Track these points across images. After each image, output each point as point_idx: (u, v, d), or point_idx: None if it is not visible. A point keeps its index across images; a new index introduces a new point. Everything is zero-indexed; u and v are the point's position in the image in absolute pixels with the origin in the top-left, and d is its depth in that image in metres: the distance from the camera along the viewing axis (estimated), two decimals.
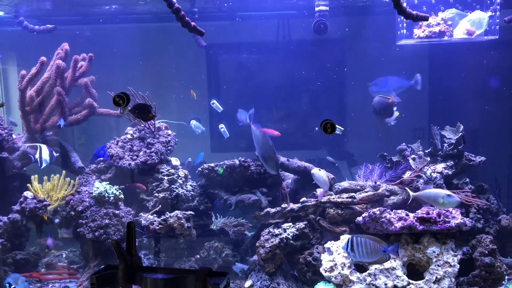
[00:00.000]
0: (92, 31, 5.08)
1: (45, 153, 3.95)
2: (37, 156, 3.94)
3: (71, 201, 3.81)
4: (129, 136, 4.26)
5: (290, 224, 3.68)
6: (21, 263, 3.97)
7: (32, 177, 3.86)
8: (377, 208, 3.53)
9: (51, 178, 3.92)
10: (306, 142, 5.04)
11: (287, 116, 5.28)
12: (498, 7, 4.15)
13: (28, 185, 3.82)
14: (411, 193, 3.68)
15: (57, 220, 3.86)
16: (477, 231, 3.65)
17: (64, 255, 4.37)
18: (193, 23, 3.04)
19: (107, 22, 5.02)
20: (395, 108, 4.21)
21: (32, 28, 4.61)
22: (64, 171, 4.01)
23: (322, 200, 3.80)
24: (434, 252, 3.38)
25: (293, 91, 5.20)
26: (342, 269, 3.45)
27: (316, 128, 4.44)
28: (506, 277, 3.56)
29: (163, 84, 5.08)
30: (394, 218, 3.42)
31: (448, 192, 3.48)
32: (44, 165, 3.95)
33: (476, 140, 4.72)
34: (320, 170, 3.90)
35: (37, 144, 4.01)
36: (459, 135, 3.91)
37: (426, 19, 3.05)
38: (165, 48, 5.06)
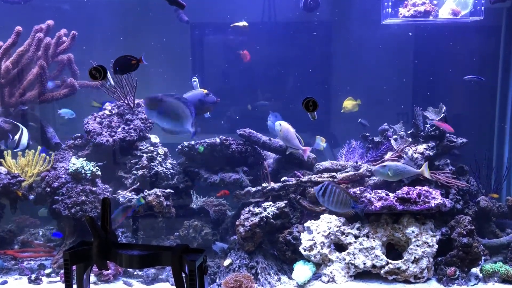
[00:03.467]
0: (71, 3, 4.91)
1: (25, 137, 3.82)
2: (16, 137, 3.81)
3: (47, 177, 3.72)
4: (107, 112, 4.16)
5: (271, 203, 3.67)
6: None
7: (5, 152, 3.74)
8: (358, 188, 3.53)
9: (26, 154, 3.81)
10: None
11: (271, 98, 5.22)
12: None
13: (1, 160, 3.71)
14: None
15: (32, 197, 3.76)
16: (456, 212, 3.68)
17: (40, 233, 4.30)
18: None
19: None
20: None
21: None
22: (39, 147, 3.90)
23: (303, 180, 3.79)
24: (413, 232, 3.40)
25: (277, 72, 5.14)
26: (322, 248, 3.46)
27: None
28: (483, 258, 3.62)
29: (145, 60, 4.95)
30: (374, 197, 3.42)
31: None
32: (19, 149, 3.82)
33: (459, 122, 4.74)
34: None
35: (20, 125, 3.87)
36: (441, 116, 3.91)
37: None
38: (148, 23, 4.93)
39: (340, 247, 3.53)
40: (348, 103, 4.42)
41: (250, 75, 5.02)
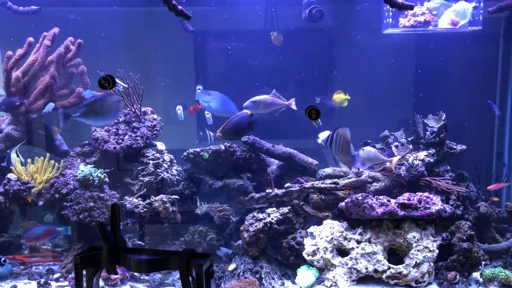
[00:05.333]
0: (78, 14, 5.00)
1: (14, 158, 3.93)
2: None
3: (56, 183, 3.80)
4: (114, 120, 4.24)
5: (274, 209, 3.73)
6: (5, 245, 3.97)
7: (15, 159, 3.84)
8: (360, 194, 3.59)
9: (35, 161, 3.90)
10: (293, 131, 5.07)
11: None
12: None
13: (11, 167, 3.80)
14: None
15: (41, 203, 3.84)
16: (456, 217, 3.74)
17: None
18: (179, 7, 3.02)
19: (93, 5, 4.96)
20: None
21: (16, 9, 4.53)
22: (48, 154, 3.99)
23: (306, 186, 3.86)
24: (414, 237, 3.46)
25: (280, 81, 5.21)
26: (324, 253, 3.52)
27: None
28: (483, 262, 3.67)
29: (149, 69, 5.04)
30: (375, 203, 3.48)
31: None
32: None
33: (459, 129, 4.80)
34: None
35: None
36: (441, 123, 3.97)
37: (411, 8, 3.08)
38: (152, 32, 5.02)
39: (343, 252, 3.58)
40: (338, 97, 4.49)
41: (252, 82, 5.10)
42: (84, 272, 1.63)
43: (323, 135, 3.75)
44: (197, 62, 5.20)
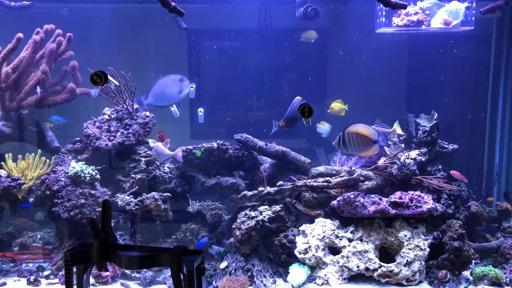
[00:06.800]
0: (70, 10, 4.97)
1: None
2: None
3: (47, 180, 3.78)
4: (106, 117, 4.22)
5: (267, 207, 3.73)
6: None
7: (6, 155, 3.80)
8: (352, 192, 3.60)
9: (26, 157, 3.87)
10: (286, 131, 5.08)
11: (267, 105, 5.29)
12: None
13: (2, 163, 3.77)
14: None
15: (31, 199, 3.82)
16: (447, 216, 3.76)
17: (39, 236, 4.34)
18: (173, 3, 3.01)
19: (86, 1, 4.93)
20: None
21: (8, 5, 4.49)
22: (39, 150, 3.96)
23: (298, 184, 3.86)
24: (405, 236, 3.47)
25: (273, 79, 5.21)
26: (316, 251, 3.52)
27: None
28: (473, 261, 3.69)
29: (142, 65, 5.02)
30: (367, 202, 3.50)
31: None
32: None
33: (450, 129, 4.83)
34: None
35: None
36: (433, 122, 3.99)
37: (404, 7, 3.09)
38: (145, 29, 5.00)
39: (334, 250, 3.59)
40: (336, 105, 4.50)
41: (246, 81, 5.09)
42: (75, 270, 1.63)
43: (324, 126, 3.76)
44: (191, 59, 5.19)
